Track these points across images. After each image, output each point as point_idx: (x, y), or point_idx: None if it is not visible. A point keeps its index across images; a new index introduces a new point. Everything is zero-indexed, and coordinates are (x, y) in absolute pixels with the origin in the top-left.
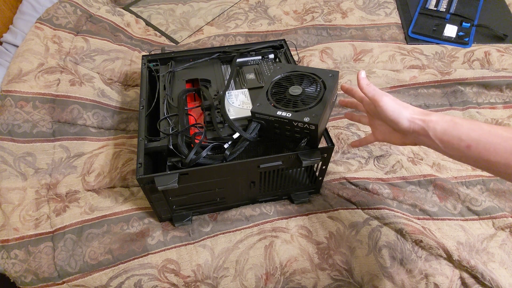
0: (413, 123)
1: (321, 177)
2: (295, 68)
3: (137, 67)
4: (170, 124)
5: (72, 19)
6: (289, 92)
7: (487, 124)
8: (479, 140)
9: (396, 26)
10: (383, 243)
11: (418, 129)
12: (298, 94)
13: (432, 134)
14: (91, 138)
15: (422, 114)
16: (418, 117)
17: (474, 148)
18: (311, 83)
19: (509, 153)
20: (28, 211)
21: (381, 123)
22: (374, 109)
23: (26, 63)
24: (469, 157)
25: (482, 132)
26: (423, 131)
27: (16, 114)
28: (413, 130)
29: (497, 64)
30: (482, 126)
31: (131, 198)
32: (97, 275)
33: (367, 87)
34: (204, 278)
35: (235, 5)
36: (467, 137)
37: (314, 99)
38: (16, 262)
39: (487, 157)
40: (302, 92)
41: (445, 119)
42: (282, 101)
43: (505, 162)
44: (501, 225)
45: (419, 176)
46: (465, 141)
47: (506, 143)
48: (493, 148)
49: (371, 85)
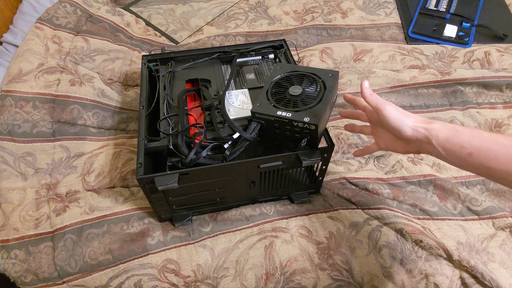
0: (416, 131)
1: (321, 177)
2: (295, 68)
3: (137, 67)
4: (170, 124)
5: (72, 19)
6: (289, 92)
7: (488, 132)
8: (480, 148)
9: (396, 26)
10: (383, 243)
11: (421, 137)
12: (298, 94)
13: (435, 142)
14: (91, 138)
15: (424, 123)
16: (421, 125)
17: (475, 155)
18: (311, 83)
19: (510, 160)
20: (28, 211)
21: (384, 131)
22: (377, 118)
23: (26, 63)
24: (471, 165)
25: (483, 139)
26: (426, 139)
27: (16, 114)
28: (416, 138)
29: (497, 64)
30: (483, 134)
31: (131, 198)
32: (97, 275)
33: (371, 97)
34: (204, 278)
35: (235, 5)
36: (469, 145)
37: (314, 99)
38: (16, 262)
39: (488, 164)
40: (302, 92)
41: (448, 127)
42: (282, 101)
43: (506, 169)
44: (501, 225)
45: (419, 176)
46: (467, 149)
47: (507, 150)
48: (494, 155)
49: (374, 94)
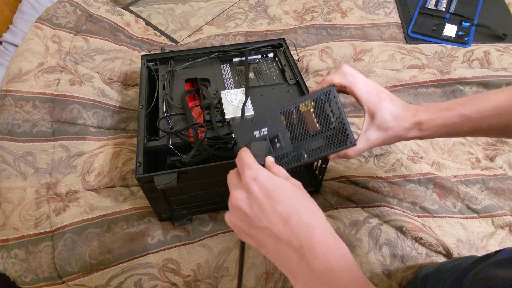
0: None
1: (321, 176)
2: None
3: (137, 67)
4: (170, 123)
5: (72, 18)
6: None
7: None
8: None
9: (395, 26)
10: (384, 240)
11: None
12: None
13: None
14: (91, 137)
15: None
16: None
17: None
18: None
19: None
20: (28, 210)
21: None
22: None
23: (26, 62)
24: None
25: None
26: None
27: (16, 114)
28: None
29: (496, 63)
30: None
31: (131, 198)
32: (97, 275)
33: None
34: (204, 278)
35: (234, 5)
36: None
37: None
38: (16, 261)
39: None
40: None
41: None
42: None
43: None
44: (501, 223)
45: (419, 175)
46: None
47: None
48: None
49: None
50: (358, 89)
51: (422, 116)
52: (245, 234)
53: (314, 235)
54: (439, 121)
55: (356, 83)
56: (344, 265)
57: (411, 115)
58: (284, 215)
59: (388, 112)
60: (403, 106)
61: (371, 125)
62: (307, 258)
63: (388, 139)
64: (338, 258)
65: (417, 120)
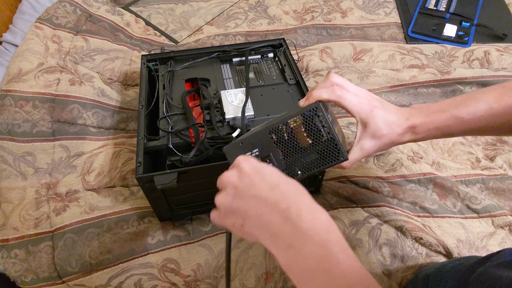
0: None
1: (320, 176)
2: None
3: (137, 67)
4: (170, 123)
5: (72, 18)
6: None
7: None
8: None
9: (395, 26)
10: (384, 240)
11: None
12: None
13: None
14: (91, 137)
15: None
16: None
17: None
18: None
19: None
20: (28, 210)
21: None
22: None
23: (26, 62)
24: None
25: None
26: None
27: (16, 114)
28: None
29: (496, 63)
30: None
31: (131, 198)
32: (97, 275)
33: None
34: (204, 278)
35: (234, 5)
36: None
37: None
38: (16, 261)
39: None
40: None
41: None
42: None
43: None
44: (501, 223)
45: (419, 175)
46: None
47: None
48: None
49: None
50: (348, 102)
51: (416, 120)
52: (229, 213)
53: (302, 200)
54: (433, 124)
55: (344, 97)
56: (329, 225)
57: (404, 119)
58: (273, 183)
59: (381, 119)
60: (396, 111)
61: (364, 134)
62: (293, 219)
63: (383, 146)
64: (324, 220)
65: (411, 124)
